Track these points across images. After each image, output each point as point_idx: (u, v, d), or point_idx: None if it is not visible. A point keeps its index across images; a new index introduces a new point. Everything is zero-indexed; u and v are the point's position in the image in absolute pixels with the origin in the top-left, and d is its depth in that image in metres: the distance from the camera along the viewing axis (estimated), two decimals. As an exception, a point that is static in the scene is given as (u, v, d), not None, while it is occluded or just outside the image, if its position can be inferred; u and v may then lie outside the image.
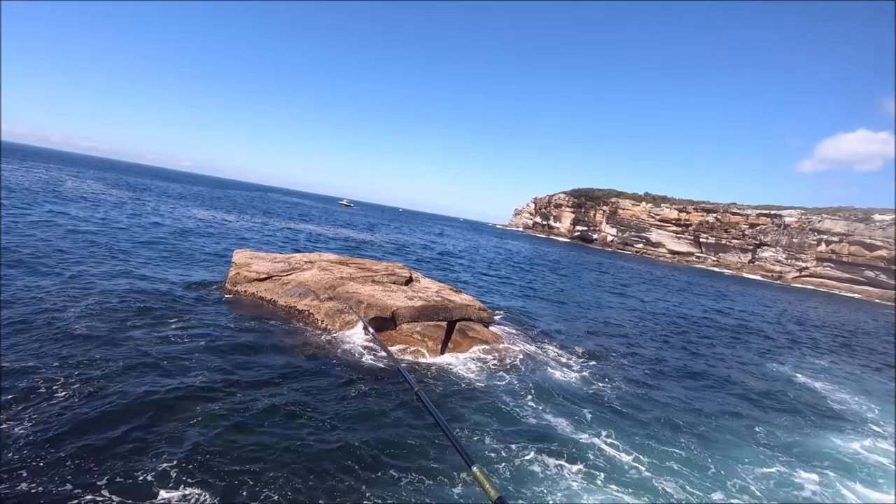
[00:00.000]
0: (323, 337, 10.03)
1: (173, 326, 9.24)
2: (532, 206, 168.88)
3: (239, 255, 13.98)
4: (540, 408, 8.12)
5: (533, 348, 11.79)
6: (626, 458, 6.82)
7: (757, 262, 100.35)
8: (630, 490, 5.95)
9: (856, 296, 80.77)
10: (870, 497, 6.89)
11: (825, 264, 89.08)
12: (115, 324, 8.85)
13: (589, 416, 8.13)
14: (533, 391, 8.83)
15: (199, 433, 5.70)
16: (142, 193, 45.38)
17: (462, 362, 9.85)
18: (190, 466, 5.08)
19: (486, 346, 10.70)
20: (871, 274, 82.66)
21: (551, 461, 6.34)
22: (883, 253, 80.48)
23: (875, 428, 9.97)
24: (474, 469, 1.59)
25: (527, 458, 6.34)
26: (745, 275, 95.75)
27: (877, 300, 77.45)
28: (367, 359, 9.20)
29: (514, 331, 13.30)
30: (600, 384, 9.97)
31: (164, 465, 5.02)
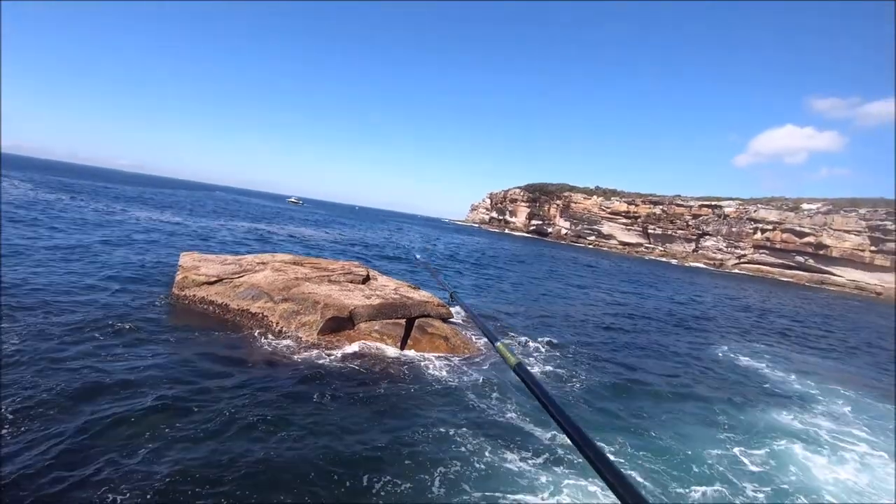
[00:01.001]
0: (278, 340, 9.72)
1: (114, 340, 8.67)
2: (488, 201, 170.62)
3: (186, 258, 13.32)
4: (504, 403, 8.16)
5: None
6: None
7: (700, 251, 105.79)
8: (595, 479, 6.10)
9: (787, 279, 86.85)
10: (816, 467, 7.39)
11: (761, 251, 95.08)
12: (48, 340, 8.17)
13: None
14: (496, 386, 8.86)
15: (155, 457, 5.35)
16: (75, 194, 42.39)
17: (423, 359, 9.82)
18: (150, 496, 4.77)
19: (446, 342, 10.71)
20: (800, 259, 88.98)
21: (515, 456, 6.40)
22: (811, 239, 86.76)
23: (816, 405, 10.68)
24: (497, 344, 1.87)
25: (494, 454, 6.37)
26: (689, 263, 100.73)
27: (805, 283, 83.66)
28: (326, 359, 9.00)
29: (473, 325, 13.38)
30: (561, 375, 10.18)
31: (124, 498, 4.69)
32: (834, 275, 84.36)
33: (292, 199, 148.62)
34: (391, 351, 9.95)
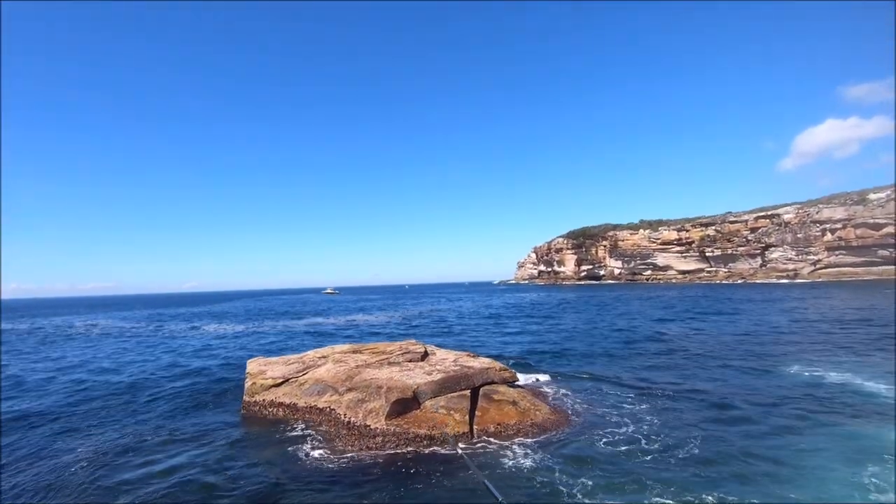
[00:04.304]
0: (348, 434, 9.67)
1: (190, 454, 8.95)
2: (533, 255, 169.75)
3: (252, 365, 13.86)
4: (589, 482, 7.18)
5: (565, 403, 11.39)
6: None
7: (769, 265, 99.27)
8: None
9: (873, 277, 79.23)
10: None
11: (837, 252, 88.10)
12: (131, 456, 8.59)
13: (645, 479, 7.16)
14: (573, 461, 7.93)
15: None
16: (146, 321, 45.70)
17: (493, 434, 9.43)
18: None
19: (515, 407, 10.34)
20: (885, 253, 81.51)
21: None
22: (890, 229, 79.89)
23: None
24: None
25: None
26: (759, 280, 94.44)
27: (899, 278, 75.82)
28: (395, 450, 8.82)
29: (541, 386, 12.91)
30: (653, 438, 8.87)
31: None
32: (929, 263, 76.33)
33: (329, 291, 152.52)
34: (460, 426, 9.65)
